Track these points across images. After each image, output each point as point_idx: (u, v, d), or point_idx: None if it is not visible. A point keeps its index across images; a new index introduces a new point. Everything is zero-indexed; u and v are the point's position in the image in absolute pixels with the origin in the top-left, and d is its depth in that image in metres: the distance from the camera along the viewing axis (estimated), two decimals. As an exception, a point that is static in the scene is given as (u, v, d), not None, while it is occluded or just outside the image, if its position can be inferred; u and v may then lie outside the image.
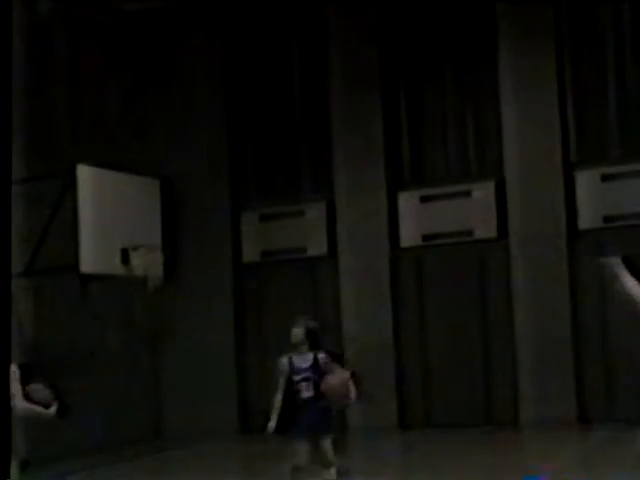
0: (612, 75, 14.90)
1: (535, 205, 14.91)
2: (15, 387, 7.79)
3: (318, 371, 8.79)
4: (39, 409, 7.89)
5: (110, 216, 14.53)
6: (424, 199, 15.51)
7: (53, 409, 7.99)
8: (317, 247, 16.05)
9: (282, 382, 8.94)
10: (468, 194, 15.30)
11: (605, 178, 14.62)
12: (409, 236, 15.61)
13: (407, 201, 15.63)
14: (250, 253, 16.52)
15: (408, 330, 15.57)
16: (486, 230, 15.21)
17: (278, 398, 8.90)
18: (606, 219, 14.56)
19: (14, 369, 7.87)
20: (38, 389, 8.08)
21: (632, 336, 14.17)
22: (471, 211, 15.26)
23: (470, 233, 15.31)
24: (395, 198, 15.70)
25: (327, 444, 8.75)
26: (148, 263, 15.14)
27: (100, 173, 14.53)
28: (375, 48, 15.84)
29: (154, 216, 15.77)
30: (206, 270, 16.30)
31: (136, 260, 14.83)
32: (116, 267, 14.61)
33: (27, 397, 7.92)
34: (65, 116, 15.04)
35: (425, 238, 15.54)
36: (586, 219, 14.69)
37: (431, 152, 15.81)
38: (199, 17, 16.59)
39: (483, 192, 15.22)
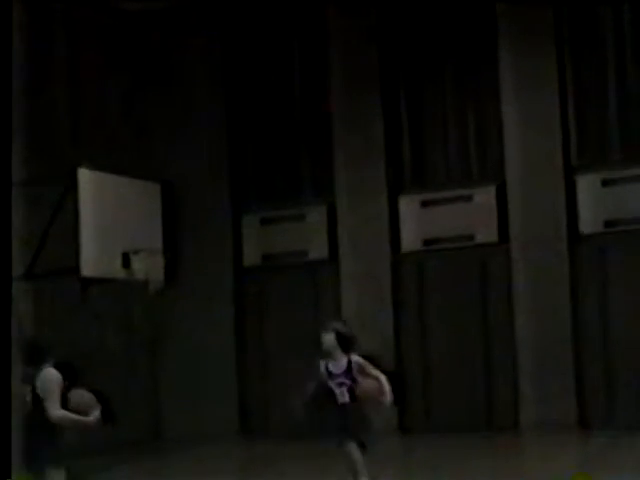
0: (613, 78, 14.90)
1: (536, 209, 14.90)
2: (54, 394, 7.31)
3: (352, 376, 8.71)
4: (76, 417, 7.35)
5: (111, 220, 14.51)
6: (425, 203, 15.52)
7: (95, 415, 7.43)
8: (318, 251, 16.06)
9: (312, 386, 8.81)
10: (469, 198, 15.29)
11: (606, 183, 14.62)
12: (410, 240, 15.62)
13: (408, 205, 15.64)
14: (251, 256, 16.53)
15: (409, 334, 15.57)
16: (487, 234, 15.21)
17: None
18: (607, 224, 14.56)
19: (54, 373, 7.43)
20: (77, 395, 7.53)
21: (633, 339, 14.24)
22: (472, 215, 15.26)
23: (471, 237, 15.31)
24: (396, 202, 15.70)
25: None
26: (149, 267, 15.12)
27: (101, 176, 14.52)
28: (375, 49, 15.85)
29: (155, 220, 15.75)
30: (207, 273, 16.30)
31: (137, 264, 14.81)
32: (117, 271, 14.59)
33: (65, 404, 7.38)
34: (65, 118, 15.04)
35: (426, 242, 15.55)
36: (587, 223, 14.69)
37: (432, 156, 15.82)
38: (199, 17, 16.60)
39: (484, 196, 15.23)
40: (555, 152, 14.86)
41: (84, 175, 14.21)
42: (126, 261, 14.79)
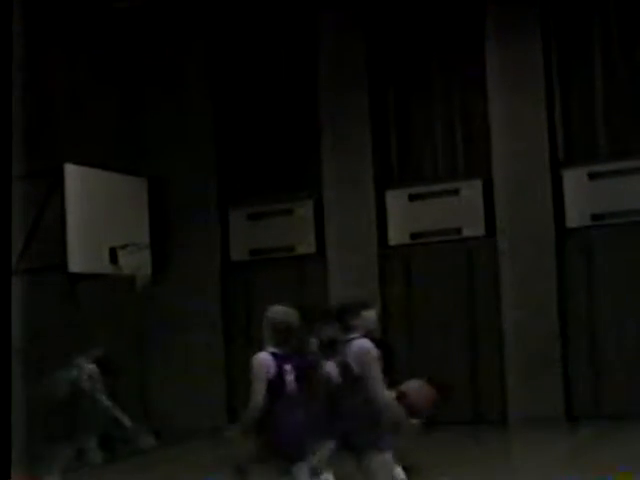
0: (599, 73, 14.93)
1: (523, 203, 14.93)
2: (377, 371, 6.08)
3: None
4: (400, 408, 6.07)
5: (98, 215, 14.50)
6: (412, 197, 15.54)
7: (420, 419, 6.22)
8: (305, 245, 16.07)
9: None
10: (456, 192, 15.32)
11: (593, 176, 14.67)
12: (397, 234, 15.64)
13: (395, 199, 15.66)
14: (238, 251, 16.52)
15: (396, 328, 15.58)
16: (474, 228, 15.24)
17: None
18: (594, 217, 14.62)
19: (370, 344, 6.17)
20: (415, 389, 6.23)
21: (620, 333, 14.30)
22: (459, 209, 15.29)
23: (458, 231, 15.35)
24: (383, 196, 15.72)
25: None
26: (136, 262, 15.12)
27: (87, 172, 14.50)
28: (363, 45, 15.84)
29: (142, 215, 15.75)
30: (195, 268, 16.29)
31: (124, 259, 14.81)
32: (104, 266, 14.59)
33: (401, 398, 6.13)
34: (52, 114, 15.01)
35: (413, 236, 15.57)
36: (574, 217, 14.73)
37: (419, 150, 15.83)
38: (188, 14, 16.59)
39: (471, 190, 15.26)
40: (542, 146, 14.89)
41: (70, 171, 14.19)
42: (113, 256, 14.77)
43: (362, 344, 6.19)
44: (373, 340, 6.28)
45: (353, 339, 6.23)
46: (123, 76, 16.39)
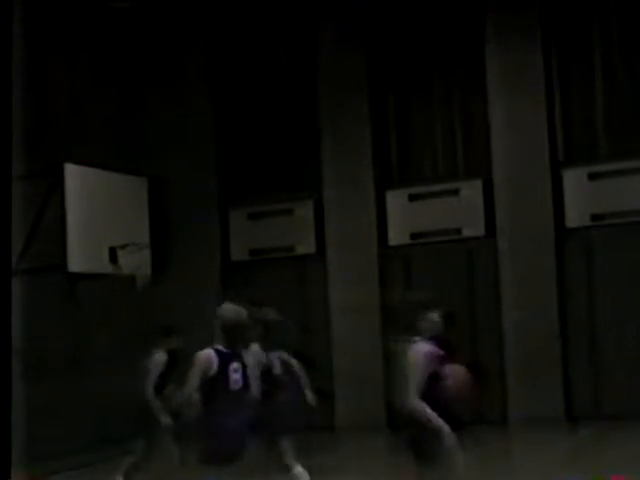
0: (599, 73, 14.94)
1: (523, 203, 14.95)
2: (417, 376, 5.91)
3: None
4: (427, 415, 5.95)
5: (98, 215, 14.47)
6: (412, 197, 15.55)
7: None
8: (305, 246, 16.07)
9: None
10: (456, 192, 15.34)
11: (593, 176, 14.68)
12: (397, 234, 15.65)
13: (395, 199, 15.67)
14: (238, 251, 16.53)
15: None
16: (474, 228, 15.25)
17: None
18: (594, 217, 14.62)
19: (424, 347, 5.97)
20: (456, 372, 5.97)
21: (620, 333, 14.31)
22: (459, 209, 15.30)
23: (458, 231, 15.36)
24: (383, 196, 15.73)
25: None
26: (136, 261, 15.09)
27: (87, 172, 14.47)
28: (363, 48, 15.85)
29: (142, 214, 15.72)
30: (195, 268, 16.28)
31: (124, 259, 14.79)
32: (104, 266, 14.56)
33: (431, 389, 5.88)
34: (52, 114, 14.99)
35: (413, 236, 15.58)
36: (574, 217, 14.74)
37: (419, 151, 15.84)
38: (188, 15, 16.58)
39: (471, 190, 15.27)
40: (542, 147, 14.90)
41: (70, 170, 14.17)
42: (113, 256, 14.74)
43: (416, 348, 6.12)
44: (440, 342, 6.17)
45: (416, 341, 6.16)
46: (123, 76, 16.37)
